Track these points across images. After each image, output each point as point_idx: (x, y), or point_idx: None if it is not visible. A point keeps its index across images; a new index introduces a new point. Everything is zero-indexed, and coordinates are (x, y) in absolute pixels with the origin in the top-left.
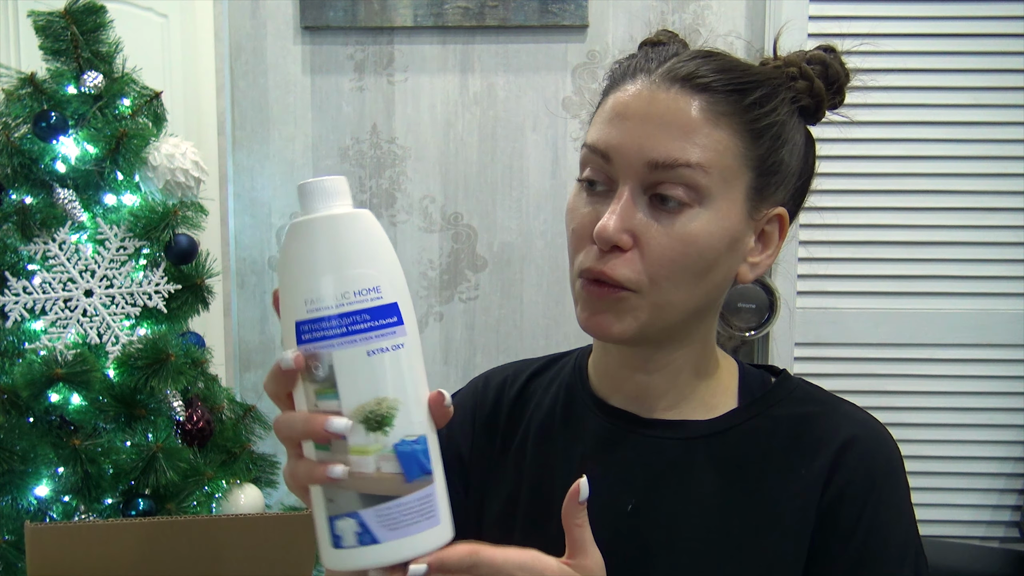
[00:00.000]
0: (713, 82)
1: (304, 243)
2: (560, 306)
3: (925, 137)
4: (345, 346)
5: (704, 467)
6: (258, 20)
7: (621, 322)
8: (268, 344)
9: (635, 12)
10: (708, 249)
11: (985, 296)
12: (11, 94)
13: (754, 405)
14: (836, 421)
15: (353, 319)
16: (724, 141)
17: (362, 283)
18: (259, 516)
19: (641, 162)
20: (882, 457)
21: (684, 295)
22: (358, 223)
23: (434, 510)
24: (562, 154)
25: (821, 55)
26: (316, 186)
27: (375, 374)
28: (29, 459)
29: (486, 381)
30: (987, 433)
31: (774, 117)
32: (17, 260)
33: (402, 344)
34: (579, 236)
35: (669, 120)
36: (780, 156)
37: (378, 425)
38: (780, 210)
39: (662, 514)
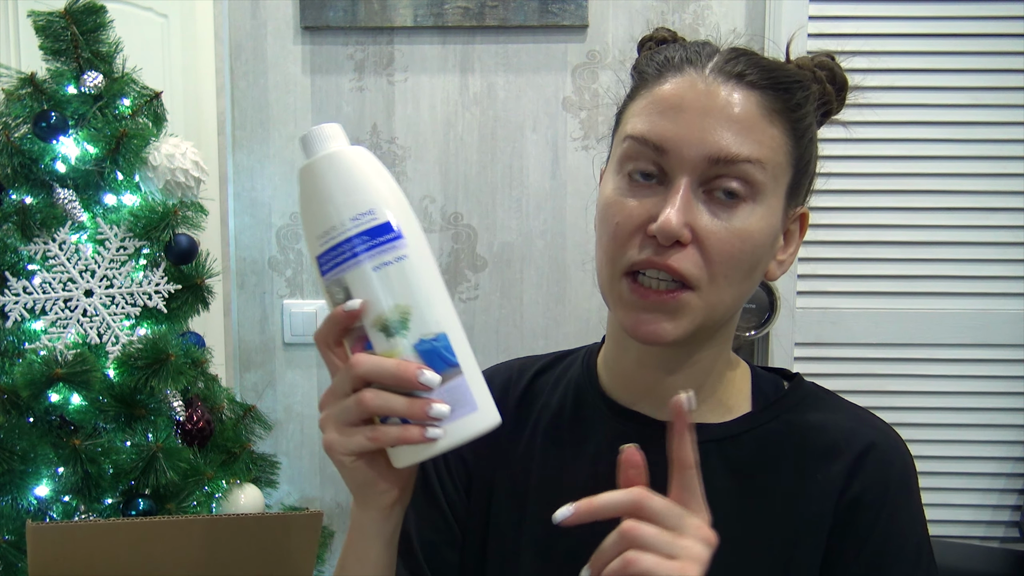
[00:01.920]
0: (763, 80)
1: (305, 185)
2: (560, 306)
3: (925, 137)
4: (353, 267)
5: (718, 471)
6: (258, 20)
7: (676, 325)
8: (268, 344)
9: (635, 12)
10: (760, 246)
11: (985, 296)
12: (11, 94)
13: (769, 409)
14: (852, 427)
15: (354, 243)
16: (778, 138)
17: (356, 208)
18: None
19: (701, 155)
20: (899, 464)
21: (735, 292)
22: (348, 157)
23: (468, 398)
24: (562, 154)
25: (827, 61)
26: (310, 134)
27: (383, 286)
28: (29, 459)
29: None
30: (987, 433)
31: (810, 118)
32: (17, 260)
33: (405, 255)
34: (626, 230)
35: (729, 114)
36: (810, 156)
37: (395, 329)
38: (804, 210)
39: None
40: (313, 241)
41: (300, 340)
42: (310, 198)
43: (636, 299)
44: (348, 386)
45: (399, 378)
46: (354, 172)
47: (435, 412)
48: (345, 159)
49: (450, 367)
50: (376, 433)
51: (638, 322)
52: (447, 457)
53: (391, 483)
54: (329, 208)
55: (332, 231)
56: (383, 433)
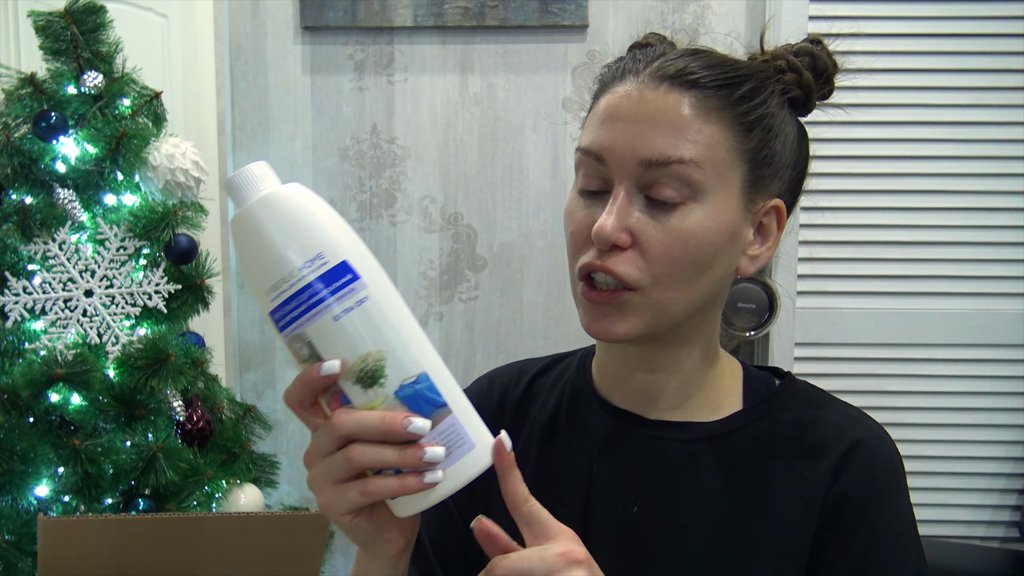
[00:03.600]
0: (701, 78)
1: (243, 237)
2: (560, 306)
3: (925, 137)
4: (313, 319)
5: (708, 469)
6: (258, 20)
7: (625, 323)
8: (268, 344)
9: (635, 12)
10: (706, 244)
11: (985, 296)
12: (11, 94)
13: (759, 407)
14: (840, 424)
15: (308, 293)
16: (716, 136)
17: (304, 256)
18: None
19: (634, 161)
20: (886, 461)
21: (685, 292)
22: (282, 199)
23: (463, 436)
24: (562, 154)
25: (808, 47)
26: (236, 178)
27: (349, 335)
28: (29, 459)
29: (491, 381)
30: (987, 433)
31: (764, 109)
32: (17, 260)
33: (366, 296)
34: (577, 239)
35: (659, 118)
36: (773, 148)
37: (371, 380)
38: (777, 202)
39: (666, 516)
40: (262, 297)
41: None
42: (250, 249)
43: (587, 301)
44: (332, 444)
45: (386, 432)
46: (294, 213)
47: (430, 457)
48: (280, 200)
49: (438, 408)
50: (370, 487)
51: (591, 320)
52: None
53: (397, 532)
54: (273, 258)
55: (281, 283)
56: (379, 486)
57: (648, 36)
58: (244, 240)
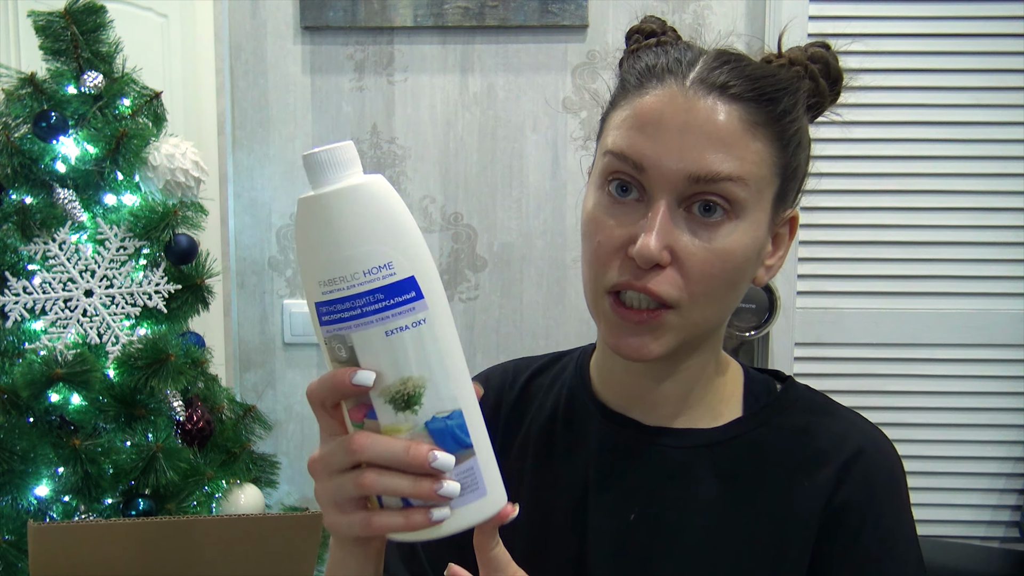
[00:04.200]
0: (747, 92)
1: (311, 222)
2: (560, 306)
3: (925, 137)
4: (362, 327)
5: (707, 477)
6: (258, 20)
7: (659, 343)
8: (268, 344)
9: (635, 12)
10: (743, 261)
11: (985, 296)
12: (11, 94)
13: (759, 414)
14: (841, 432)
15: (366, 300)
16: (761, 152)
17: (372, 261)
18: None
19: (680, 174)
20: (886, 469)
21: (717, 308)
22: (365, 195)
23: (479, 482)
24: (562, 154)
25: (822, 53)
26: (320, 157)
27: (396, 354)
28: (29, 459)
29: (487, 381)
30: (987, 433)
31: (798, 123)
32: (17, 260)
33: (423, 320)
34: (607, 250)
35: (709, 131)
36: (799, 160)
37: (405, 404)
38: (794, 212)
39: (664, 524)
40: (313, 285)
41: (300, 340)
42: (315, 236)
43: (618, 319)
44: (345, 462)
45: (409, 464)
46: (372, 214)
47: (446, 491)
48: (362, 197)
49: (463, 448)
50: (374, 523)
51: (620, 341)
52: None
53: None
54: (339, 254)
55: (340, 281)
56: (383, 523)
57: (648, 20)
58: (312, 224)
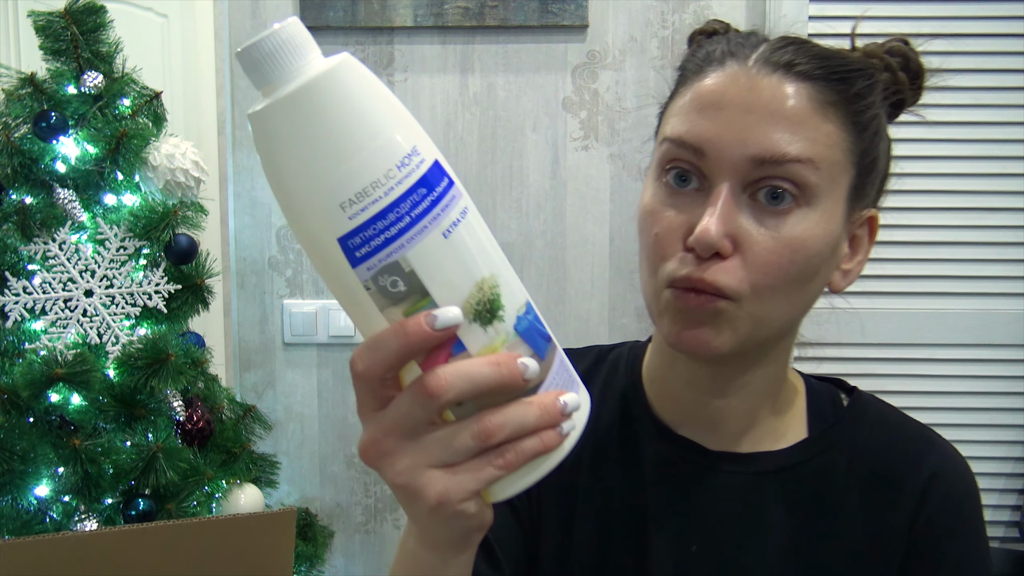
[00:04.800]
0: (816, 69)
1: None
2: (560, 306)
3: (925, 137)
4: (418, 239)
5: (775, 505)
6: (258, 20)
7: (719, 336)
8: (268, 344)
9: (635, 12)
10: (815, 255)
11: (985, 296)
12: (11, 94)
13: (827, 435)
14: (914, 453)
15: (411, 200)
16: (833, 134)
17: (398, 151)
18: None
19: (744, 157)
20: (964, 492)
21: (784, 306)
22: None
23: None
24: (562, 154)
25: (901, 47)
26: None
27: (462, 255)
28: (29, 459)
29: None
30: (987, 433)
31: (875, 109)
32: (17, 260)
33: (467, 208)
34: (665, 242)
35: (775, 109)
36: (878, 152)
37: (491, 314)
38: (873, 212)
39: (730, 558)
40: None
41: (300, 340)
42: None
43: (680, 306)
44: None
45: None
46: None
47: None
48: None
49: (548, 343)
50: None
51: (681, 331)
52: None
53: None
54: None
55: (372, 190)
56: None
57: (711, 23)
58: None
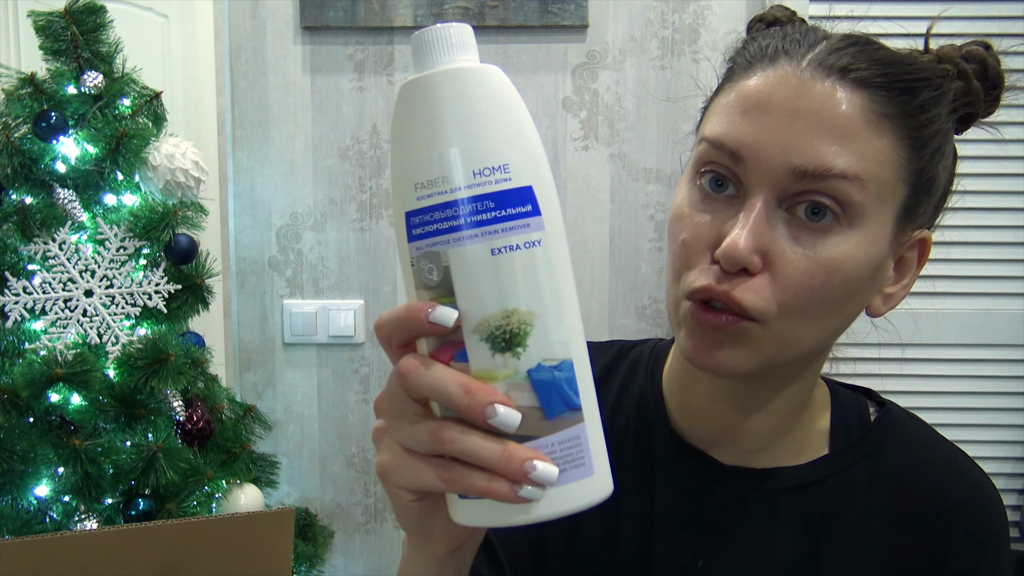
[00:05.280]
0: (875, 77)
1: (411, 109)
2: None
3: None
4: (463, 242)
5: (789, 524)
6: (258, 20)
7: (739, 355)
8: (268, 344)
9: (635, 12)
10: (852, 279)
11: (985, 296)
12: (11, 94)
13: (849, 452)
14: (943, 480)
15: (473, 207)
16: (887, 150)
17: (484, 160)
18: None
19: (785, 167)
20: (990, 523)
21: (814, 330)
22: (481, 81)
23: (584, 456)
24: (562, 154)
25: (980, 52)
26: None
27: (502, 279)
28: (29, 459)
29: None
30: (987, 433)
31: (939, 124)
32: (17, 260)
33: (538, 241)
34: (692, 250)
35: (824, 119)
36: (937, 171)
37: (507, 345)
38: (925, 234)
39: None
40: (405, 189)
41: (300, 340)
42: (415, 127)
43: (697, 324)
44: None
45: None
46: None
47: (539, 476)
48: (475, 82)
49: (571, 411)
50: (452, 475)
51: (696, 347)
52: None
53: (443, 532)
54: (441, 150)
55: (442, 182)
56: (462, 478)
57: (775, 9)
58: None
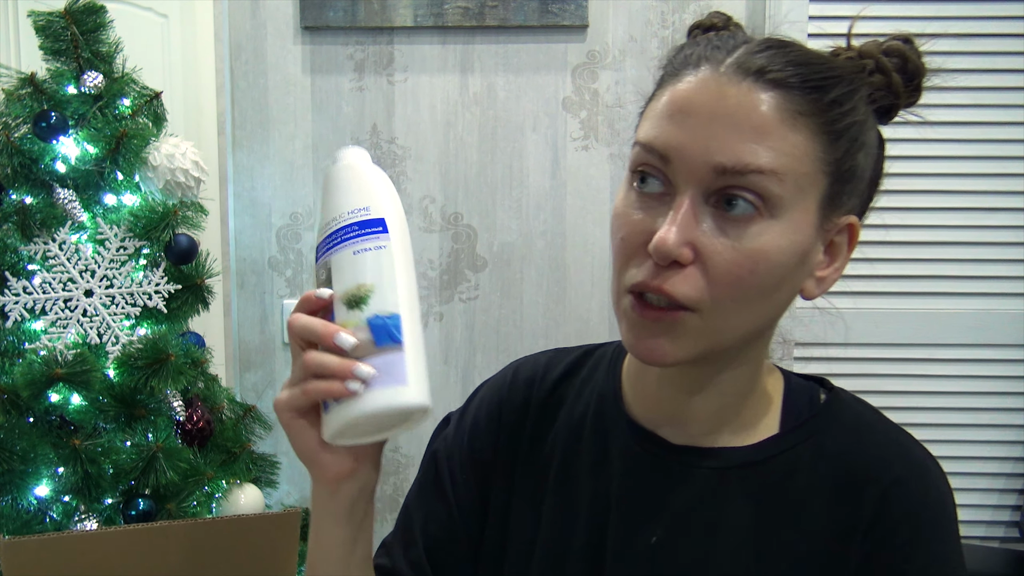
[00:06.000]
0: (790, 77)
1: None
2: (560, 306)
3: (925, 137)
4: (337, 251)
5: (738, 500)
6: (258, 20)
7: (676, 346)
8: (268, 344)
9: (635, 12)
10: (778, 266)
11: (985, 296)
12: (11, 94)
13: (797, 432)
14: (884, 457)
15: (345, 230)
16: (801, 145)
17: (353, 204)
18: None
19: (707, 166)
20: (930, 501)
21: (747, 315)
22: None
23: (401, 373)
24: (562, 154)
25: (900, 46)
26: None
27: (356, 267)
28: (29, 459)
29: (515, 375)
30: (987, 433)
31: (853, 117)
32: (17, 260)
33: (384, 246)
34: (630, 246)
35: (740, 119)
36: (856, 160)
37: (356, 303)
38: (852, 219)
39: (689, 550)
40: (319, 233)
41: None
42: (324, 197)
43: (636, 316)
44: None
45: (320, 336)
46: (364, 178)
47: (359, 372)
48: (360, 168)
49: (393, 343)
50: (308, 386)
51: (636, 339)
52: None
53: (336, 455)
54: (334, 203)
55: (332, 222)
56: (313, 385)
57: (713, 16)
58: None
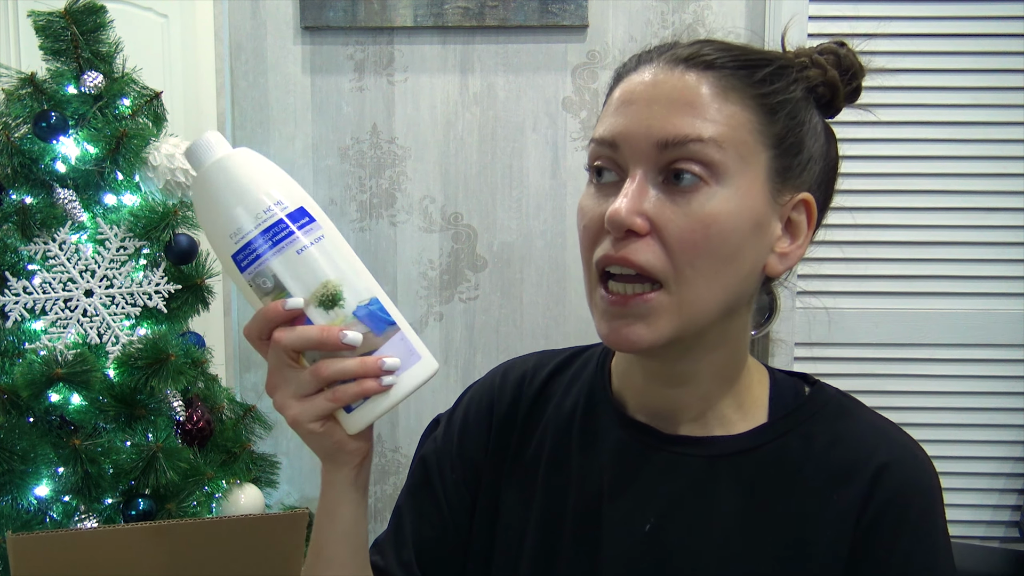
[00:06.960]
0: (718, 59)
1: (207, 191)
2: (560, 306)
3: (925, 137)
4: (277, 254)
5: (728, 487)
6: (258, 20)
7: (650, 329)
8: None
9: (635, 12)
10: (731, 231)
11: (985, 296)
12: (11, 94)
13: (784, 421)
14: (869, 442)
15: (273, 231)
16: (736, 115)
17: (267, 201)
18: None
19: (649, 143)
20: (918, 486)
21: (712, 286)
22: (241, 159)
23: (411, 349)
24: (562, 154)
25: (832, 46)
26: (196, 145)
27: (309, 266)
28: (29, 459)
29: (504, 375)
30: (987, 433)
31: (788, 94)
32: (17, 260)
33: (322, 236)
34: (591, 231)
35: (675, 97)
36: (799, 136)
37: (332, 302)
38: (806, 195)
39: (681, 536)
40: (224, 241)
41: None
42: (212, 202)
43: (607, 306)
44: (283, 360)
45: (322, 342)
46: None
47: (389, 365)
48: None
49: (389, 325)
50: (337, 393)
51: (611, 329)
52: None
53: (359, 441)
54: (236, 207)
55: (245, 227)
56: (343, 391)
57: None
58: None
